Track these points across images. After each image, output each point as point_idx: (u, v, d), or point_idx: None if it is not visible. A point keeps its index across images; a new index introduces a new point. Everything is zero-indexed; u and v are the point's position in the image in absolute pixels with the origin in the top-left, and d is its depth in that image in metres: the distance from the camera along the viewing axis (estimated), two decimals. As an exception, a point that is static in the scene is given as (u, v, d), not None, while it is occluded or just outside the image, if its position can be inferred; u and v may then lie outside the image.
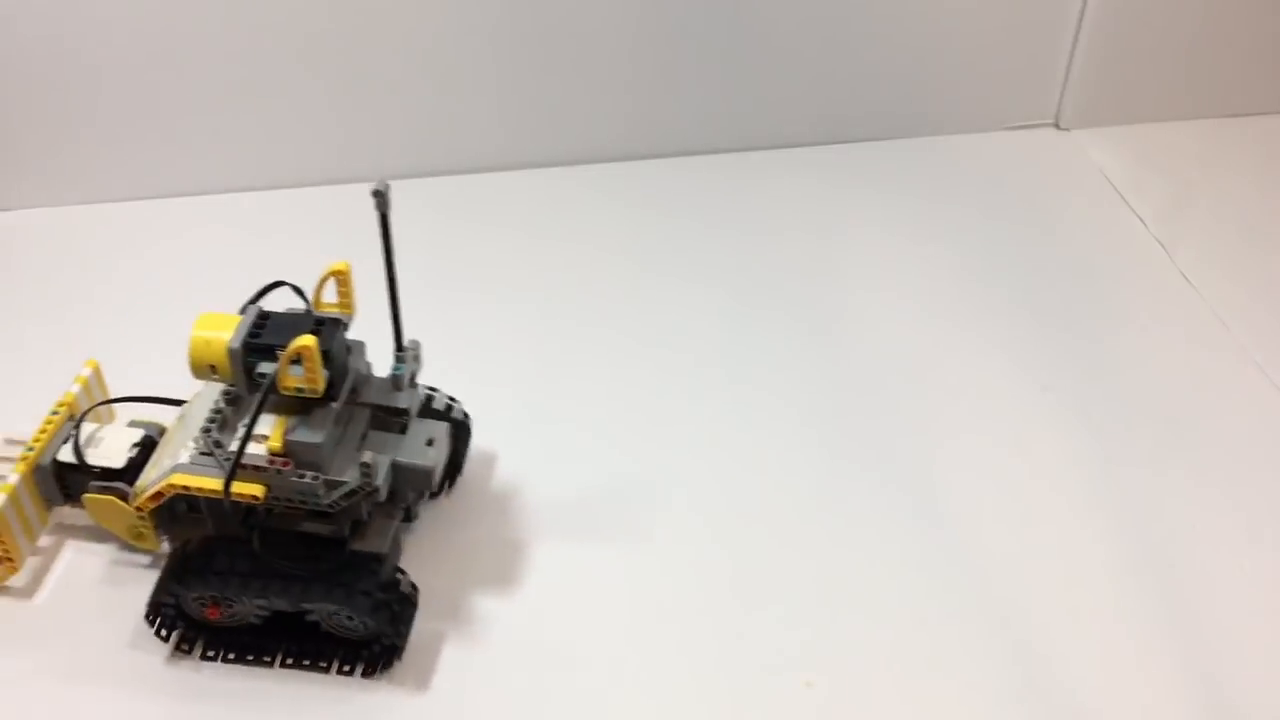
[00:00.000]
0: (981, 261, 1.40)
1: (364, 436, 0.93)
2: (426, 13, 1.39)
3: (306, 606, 0.92)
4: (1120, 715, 0.94)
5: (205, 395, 0.95)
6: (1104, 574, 1.05)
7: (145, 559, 1.01)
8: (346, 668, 0.95)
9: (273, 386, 0.85)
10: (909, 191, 1.51)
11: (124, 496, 0.94)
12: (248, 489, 0.88)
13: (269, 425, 0.88)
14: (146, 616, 0.94)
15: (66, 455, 0.98)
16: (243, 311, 0.90)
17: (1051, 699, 0.95)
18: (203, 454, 0.90)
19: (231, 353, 0.86)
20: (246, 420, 0.87)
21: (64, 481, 0.99)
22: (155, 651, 0.95)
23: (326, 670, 0.95)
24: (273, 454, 0.88)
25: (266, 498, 0.89)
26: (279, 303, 0.92)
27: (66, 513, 1.02)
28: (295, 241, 1.39)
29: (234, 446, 0.87)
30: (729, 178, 1.52)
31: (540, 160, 1.52)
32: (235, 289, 1.31)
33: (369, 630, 0.93)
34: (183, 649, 0.95)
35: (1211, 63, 1.62)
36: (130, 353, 1.23)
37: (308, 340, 0.84)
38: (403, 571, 0.95)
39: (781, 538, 1.07)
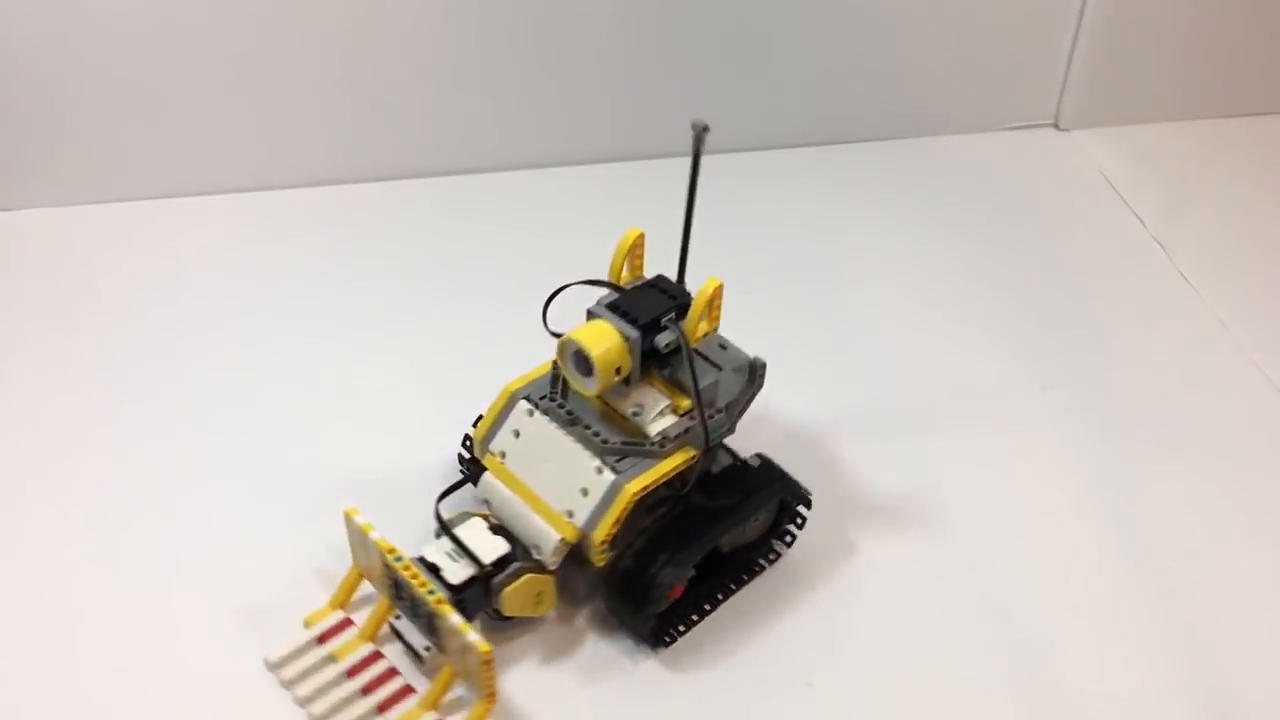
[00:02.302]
0: (981, 261, 1.40)
1: None
2: (427, 13, 1.39)
3: (737, 530, 0.98)
4: (1120, 714, 0.94)
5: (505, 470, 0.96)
6: (1103, 573, 1.05)
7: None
8: (773, 556, 1.03)
9: (687, 343, 0.91)
10: (909, 191, 1.51)
11: (534, 570, 0.92)
12: (683, 456, 0.92)
13: (645, 398, 0.93)
14: (662, 642, 0.95)
15: (463, 573, 0.91)
16: (554, 329, 0.94)
17: (1051, 698, 0.95)
18: (619, 461, 0.92)
19: (632, 343, 0.89)
20: (654, 395, 0.93)
21: (462, 601, 0.91)
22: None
23: (763, 569, 1.02)
24: (684, 413, 0.92)
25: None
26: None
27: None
28: (295, 241, 1.39)
29: (658, 428, 0.92)
30: (729, 178, 1.52)
31: (540, 160, 1.52)
32: (235, 288, 1.32)
33: (778, 507, 1.01)
34: (666, 642, 0.96)
35: (1211, 63, 1.62)
36: (131, 352, 1.23)
37: (716, 280, 0.91)
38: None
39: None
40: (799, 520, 1.02)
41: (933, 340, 1.29)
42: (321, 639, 0.95)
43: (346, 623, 0.96)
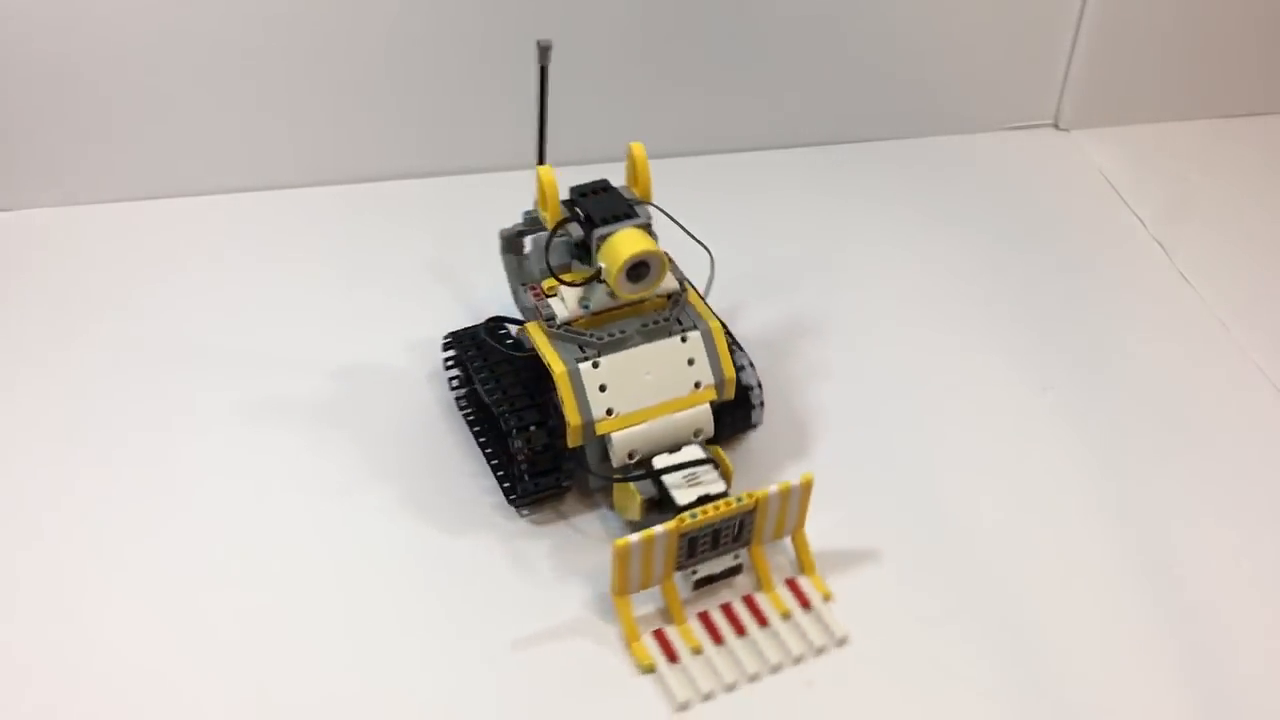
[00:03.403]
0: (981, 261, 1.40)
1: None
2: (427, 13, 1.39)
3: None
4: (1120, 714, 0.94)
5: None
6: (1104, 573, 1.05)
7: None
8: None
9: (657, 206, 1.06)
10: (908, 191, 1.51)
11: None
12: (688, 287, 1.08)
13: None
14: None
15: (717, 480, 1.00)
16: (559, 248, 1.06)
17: (1051, 698, 0.95)
18: (682, 323, 1.04)
19: (652, 232, 1.02)
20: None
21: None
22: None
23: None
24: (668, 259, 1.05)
25: None
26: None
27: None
28: (294, 241, 1.39)
29: (673, 281, 1.05)
30: (729, 178, 1.52)
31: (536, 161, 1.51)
32: (235, 288, 1.32)
33: None
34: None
35: (1211, 63, 1.62)
36: (132, 351, 1.23)
37: (638, 145, 1.06)
38: None
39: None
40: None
41: (932, 340, 1.29)
42: (670, 657, 0.97)
43: (660, 633, 0.98)
